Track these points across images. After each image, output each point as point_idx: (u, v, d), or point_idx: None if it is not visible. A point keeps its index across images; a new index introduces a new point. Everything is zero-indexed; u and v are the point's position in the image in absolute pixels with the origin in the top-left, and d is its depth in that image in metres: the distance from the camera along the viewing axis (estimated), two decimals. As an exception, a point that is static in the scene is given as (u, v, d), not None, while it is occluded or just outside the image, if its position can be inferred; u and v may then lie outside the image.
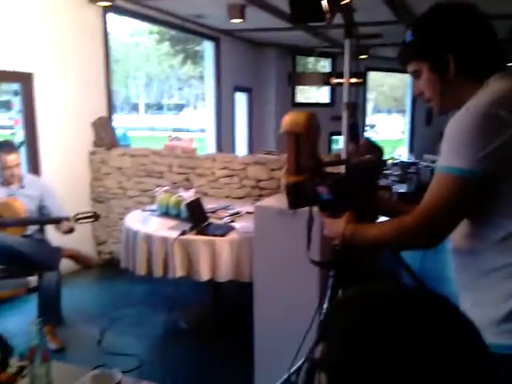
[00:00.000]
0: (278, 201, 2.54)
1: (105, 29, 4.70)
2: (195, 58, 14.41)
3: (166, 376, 1.58)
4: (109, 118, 4.86)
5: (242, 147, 8.23)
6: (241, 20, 5.26)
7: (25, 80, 3.95)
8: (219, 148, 7.26)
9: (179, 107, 51.16)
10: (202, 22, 6.38)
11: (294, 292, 2.37)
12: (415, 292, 0.69)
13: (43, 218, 3.42)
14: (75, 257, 3.53)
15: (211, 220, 3.32)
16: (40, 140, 4.16)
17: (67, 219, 3.28)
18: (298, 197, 1.67)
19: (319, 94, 12.31)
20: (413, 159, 6.88)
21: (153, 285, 3.97)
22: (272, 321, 2.47)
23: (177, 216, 3.41)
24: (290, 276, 2.37)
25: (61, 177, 4.29)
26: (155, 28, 14.94)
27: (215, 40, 7.05)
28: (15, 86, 4.00)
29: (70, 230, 3.41)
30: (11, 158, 3.27)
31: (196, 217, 3.19)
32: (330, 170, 1.79)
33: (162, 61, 28.96)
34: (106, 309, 3.79)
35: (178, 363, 2.97)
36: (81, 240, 4.22)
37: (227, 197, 4.29)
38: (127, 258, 3.29)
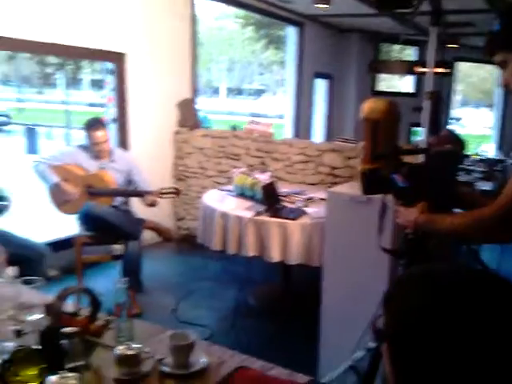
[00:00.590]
0: (351, 188, 2.57)
1: (193, 12, 4.88)
2: (278, 43, 14.43)
3: (235, 347, 1.69)
4: (193, 100, 5.07)
5: (319, 134, 8.21)
6: (326, 6, 5.23)
7: (118, 60, 4.22)
8: (296, 134, 7.30)
9: (259, 92, 51.53)
10: (287, 6, 6.41)
11: (363, 279, 2.39)
12: (479, 274, 0.69)
13: (130, 190, 3.67)
14: (156, 229, 3.75)
15: (284, 203, 3.40)
16: (130, 118, 4.43)
17: (151, 193, 3.51)
18: (372, 183, 1.69)
19: (402, 83, 11.91)
20: (501, 156, 6.53)
21: (225, 262, 4.13)
22: (339, 307, 2.52)
23: (252, 197, 3.52)
24: (360, 263, 2.40)
25: (146, 153, 4.54)
26: (240, 12, 15.11)
27: (299, 25, 7.06)
28: (109, 65, 4.28)
29: (153, 204, 3.64)
30: (99, 135, 3.53)
31: (270, 199, 3.28)
32: (407, 159, 1.79)
33: (244, 45, 29.25)
34: (181, 280, 4.02)
35: (246, 337, 3.10)
36: (162, 215, 4.46)
37: (301, 182, 4.34)
38: (204, 233, 3.46)
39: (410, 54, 10.78)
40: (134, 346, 1.36)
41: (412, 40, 8.56)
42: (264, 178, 3.51)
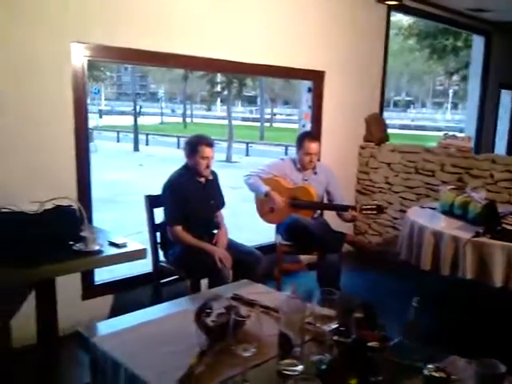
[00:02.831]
0: None
1: (387, 27, 4.84)
2: (442, 52, 13.69)
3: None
4: (380, 114, 5.02)
5: (500, 148, 7.58)
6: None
7: (317, 78, 4.35)
8: (477, 149, 6.82)
9: (407, 104, 49.71)
10: (476, 15, 6.06)
11: None
12: None
13: (333, 204, 3.73)
14: (357, 243, 3.75)
15: (503, 225, 3.15)
16: (322, 132, 4.53)
17: (354, 208, 3.52)
18: None
19: None
20: None
21: (405, 279, 4.00)
22: None
23: (461, 216, 3.33)
24: None
25: (333, 166, 4.57)
26: (404, 23, 14.71)
27: (486, 34, 6.62)
28: (308, 84, 4.44)
29: (354, 219, 3.65)
30: (313, 146, 3.65)
31: (490, 220, 3.08)
32: None
33: (395, 56, 28.46)
34: (364, 295, 3.92)
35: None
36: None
37: (506, 202, 4.02)
38: (410, 251, 3.36)
39: None
40: (441, 367, 1.34)
41: None
42: (478, 196, 3.30)
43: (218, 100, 35.21)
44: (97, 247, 2.35)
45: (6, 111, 2.73)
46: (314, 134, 3.82)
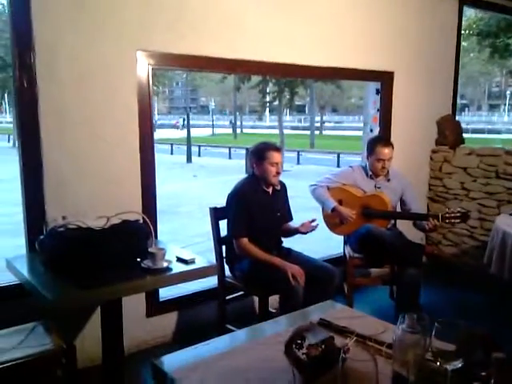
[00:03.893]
0: None
1: (459, 24, 4.50)
2: (504, 51, 12.96)
3: None
4: (453, 117, 4.66)
5: None
6: None
7: (386, 79, 4.07)
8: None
9: (462, 107, 47.99)
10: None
11: None
12: None
13: (411, 213, 3.44)
14: (437, 255, 3.43)
15: None
16: (391, 136, 4.22)
17: (435, 217, 3.20)
18: None
19: None
20: None
21: (492, 296, 3.63)
22: None
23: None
24: None
25: (403, 172, 4.26)
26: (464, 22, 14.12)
27: None
28: (375, 86, 4.16)
29: (433, 229, 3.32)
30: (386, 151, 3.39)
31: None
32: None
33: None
34: (447, 315, 3.57)
35: None
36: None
37: None
38: (501, 264, 3.02)
39: None
40: None
41: None
42: None
43: (267, 110, 35.33)
44: (165, 264, 2.19)
45: (74, 125, 2.63)
46: (386, 139, 3.54)
